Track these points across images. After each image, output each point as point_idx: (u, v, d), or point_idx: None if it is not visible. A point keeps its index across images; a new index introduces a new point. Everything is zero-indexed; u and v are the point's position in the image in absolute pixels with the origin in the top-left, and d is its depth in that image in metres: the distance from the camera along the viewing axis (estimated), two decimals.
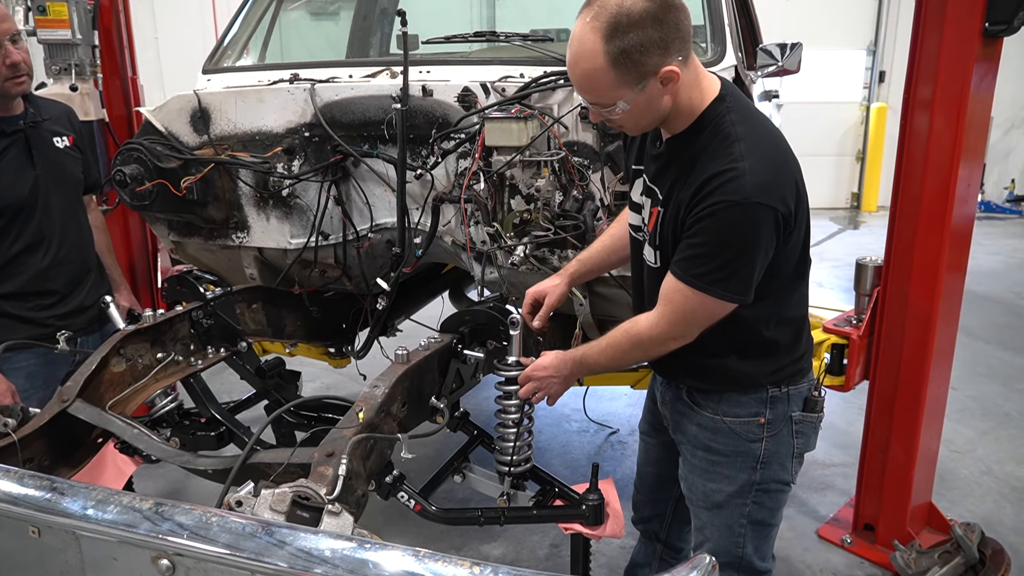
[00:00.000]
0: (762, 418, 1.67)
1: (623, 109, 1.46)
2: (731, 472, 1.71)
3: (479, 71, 2.38)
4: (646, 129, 1.58)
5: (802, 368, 1.72)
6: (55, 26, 3.13)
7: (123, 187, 2.40)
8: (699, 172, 1.46)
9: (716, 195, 1.42)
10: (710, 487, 1.74)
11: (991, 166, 9.98)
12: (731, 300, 1.50)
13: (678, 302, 1.53)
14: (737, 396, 1.68)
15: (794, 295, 1.66)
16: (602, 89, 1.43)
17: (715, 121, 1.50)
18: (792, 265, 1.59)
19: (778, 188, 1.45)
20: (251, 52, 3.09)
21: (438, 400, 2.03)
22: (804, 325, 1.73)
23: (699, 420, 1.72)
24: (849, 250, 7.70)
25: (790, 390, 1.68)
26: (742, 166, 1.41)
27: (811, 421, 1.73)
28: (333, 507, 1.35)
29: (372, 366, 2.63)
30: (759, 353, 1.65)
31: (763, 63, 2.96)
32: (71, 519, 1.17)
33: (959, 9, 2.31)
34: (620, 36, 1.36)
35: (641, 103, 1.45)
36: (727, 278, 1.46)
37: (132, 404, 2.14)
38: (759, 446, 1.68)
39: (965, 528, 2.65)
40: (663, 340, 1.59)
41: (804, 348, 1.73)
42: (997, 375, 4.64)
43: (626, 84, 1.41)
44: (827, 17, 9.82)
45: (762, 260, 1.48)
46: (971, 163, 2.50)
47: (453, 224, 2.39)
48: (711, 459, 1.72)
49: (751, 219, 1.42)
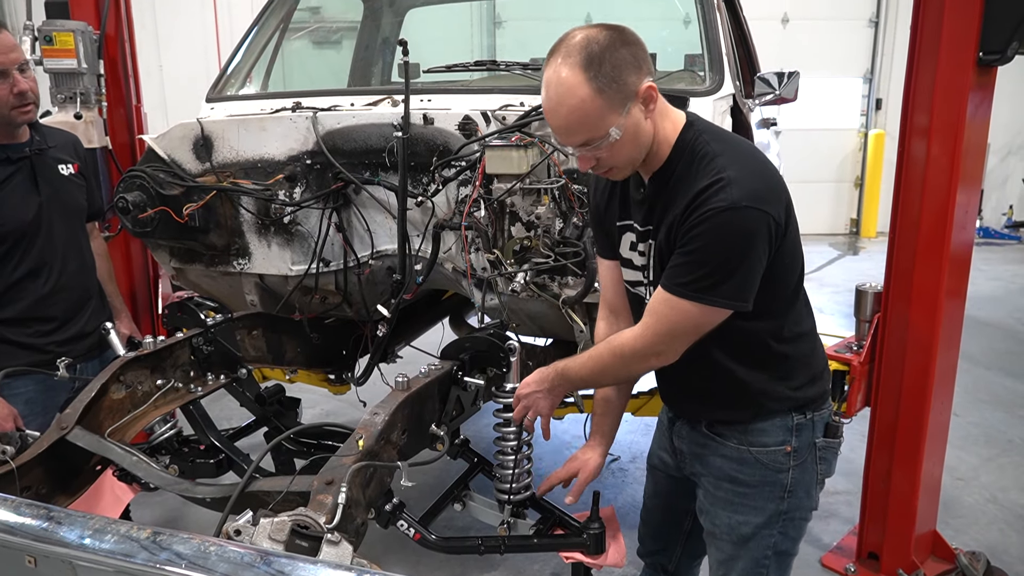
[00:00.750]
0: (788, 446, 1.65)
1: (615, 138, 1.45)
2: (759, 503, 1.68)
3: (480, 100, 2.41)
4: (634, 165, 1.55)
5: (823, 393, 1.71)
6: (61, 55, 3.17)
7: (125, 214, 2.41)
8: (686, 192, 1.48)
9: (706, 205, 1.43)
10: (736, 519, 1.71)
11: (989, 192, 10.04)
12: (723, 306, 1.48)
13: (663, 313, 1.52)
14: (762, 425, 1.65)
15: (796, 307, 1.65)
16: (592, 120, 1.43)
17: (689, 146, 1.52)
18: (794, 273, 1.59)
19: (767, 193, 1.45)
20: (254, 81, 3.13)
21: (438, 427, 2.02)
22: (816, 342, 1.72)
23: (724, 452, 1.69)
24: (849, 276, 7.71)
25: (814, 416, 1.68)
26: (728, 175, 1.43)
27: (833, 447, 1.73)
28: (332, 536, 1.34)
29: (372, 393, 2.62)
30: (773, 369, 1.63)
31: (761, 91, 3.00)
32: (68, 548, 1.16)
33: (953, 39, 2.34)
34: (597, 64, 1.39)
35: (630, 129, 1.46)
36: (717, 284, 1.45)
37: (131, 431, 2.13)
38: (786, 475, 1.66)
39: (970, 557, 2.63)
40: (644, 354, 1.58)
41: (820, 369, 1.72)
42: (1000, 401, 4.62)
43: (613, 110, 1.42)
44: (823, 46, 9.94)
45: (758, 266, 1.47)
46: (969, 189, 2.52)
47: (454, 251, 2.40)
48: (738, 491, 1.69)
49: (743, 224, 1.42)
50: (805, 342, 1.68)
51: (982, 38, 2.30)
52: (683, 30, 3.25)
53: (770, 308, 1.56)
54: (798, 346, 1.66)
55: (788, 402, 1.65)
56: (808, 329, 1.69)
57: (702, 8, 2.78)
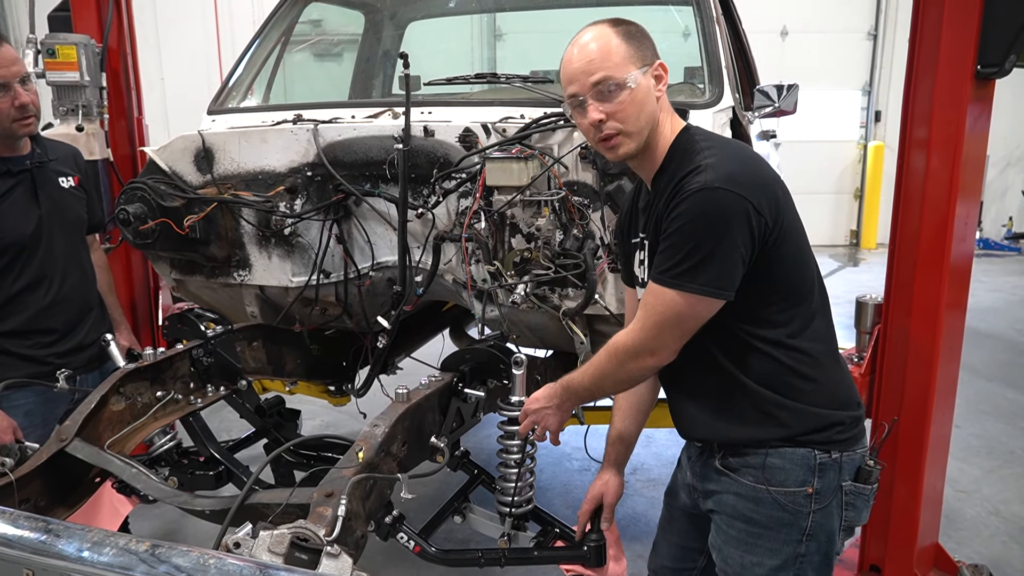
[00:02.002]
0: (810, 487, 1.56)
1: (631, 87, 1.49)
2: (774, 545, 1.60)
3: (480, 112, 2.42)
4: (639, 142, 1.54)
5: (854, 433, 1.60)
6: (64, 68, 3.19)
7: (126, 225, 2.42)
8: (670, 184, 1.50)
9: (683, 191, 1.45)
10: (748, 559, 1.62)
11: (988, 204, 10.06)
12: (702, 293, 1.44)
13: (649, 304, 1.51)
14: (780, 462, 1.56)
15: (810, 322, 1.58)
16: (616, 59, 1.50)
17: (683, 146, 1.55)
18: (802, 281, 1.56)
19: (745, 178, 1.44)
20: (256, 93, 3.14)
21: (438, 439, 2.02)
22: (840, 372, 1.65)
23: (738, 489, 1.61)
24: (849, 287, 7.70)
25: (841, 457, 1.57)
26: (706, 163, 1.46)
27: (864, 493, 1.61)
28: (332, 548, 1.33)
29: (372, 404, 2.62)
30: (780, 380, 1.55)
31: (760, 104, 3.00)
32: (66, 561, 1.15)
33: (952, 52, 2.35)
34: (626, 25, 1.54)
35: (643, 89, 1.51)
36: (695, 270, 1.43)
37: (131, 443, 2.13)
38: (806, 519, 1.57)
39: (973, 570, 2.61)
40: (637, 351, 1.54)
41: (847, 399, 1.62)
42: (1001, 413, 4.61)
43: (634, 61, 1.50)
44: (823, 58, 9.99)
45: (735, 253, 1.43)
46: (968, 201, 2.52)
47: (454, 262, 2.41)
48: (751, 531, 1.61)
49: (716, 205, 1.41)
50: (824, 365, 1.59)
51: (980, 51, 2.31)
52: (682, 43, 3.26)
53: (773, 317, 1.53)
54: (805, 361, 1.56)
55: (807, 425, 1.56)
56: (821, 350, 1.60)
57: (701, 21, 2.80)
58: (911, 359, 2.59)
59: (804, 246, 1.57)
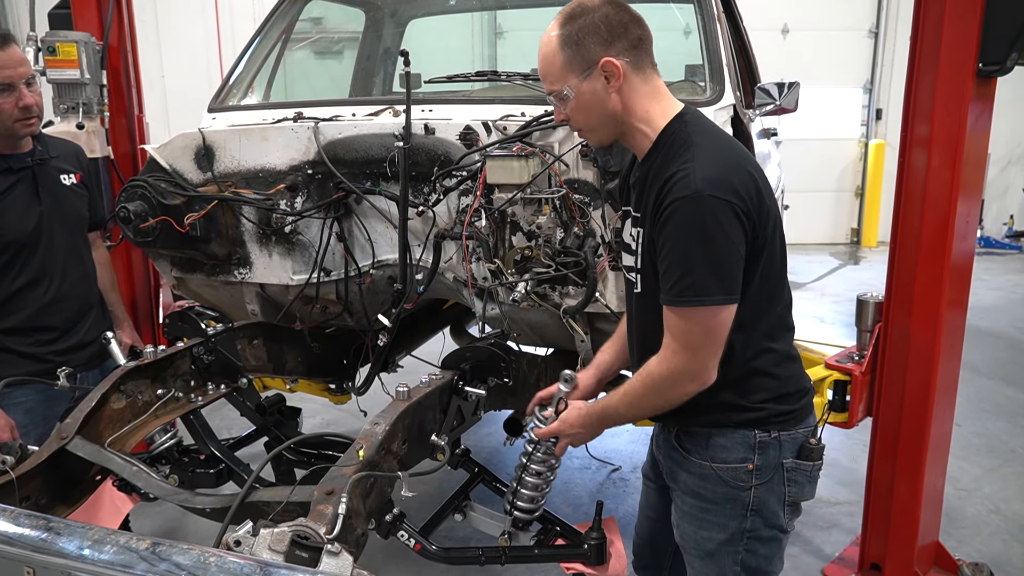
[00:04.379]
0: (751, 464, 1.62)
1: (569, 95, 1.54)
2: (721, 520, 1.66)
3: (481, 110, 2.41)
4: (604, 137, 1.63)
5: (795, 413, 1.65)
6: (64, 66, 3.18)
7: (127, 223, 2.42)
8: (657, 179, 1.52)
9: (669, 196, 1.46)
10: (701, 534, 1.70)
11: (989, 202, 10.05)
12: (720, 303, 1.46)
13: (674, 328, 1.51)
14: (722, 440, 1.63)
15: (769, 321, 1.61)
16: (553, 71, 1.54)
17: (673, 134, 1.56)
18: (766, 282, 1.56)
19: (727, 182, 1.45)
20: (256, 91, 3.14)
21: (439, 437, 2.02)
22: (790, 363, 1.68)
23: (688, 467, 1.69)
24: (850, 285, 7.71)
25: (781, 435, 1.63)
26: (691, 165, 1.46)
27: (805, 470, 1.67)
28: (332, 547, 1.34)
29: (373, 402, 2.62)
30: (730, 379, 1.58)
31: (761, 102, 3.00)
32: (67, 559, 1.16)
33: (953, 50, 2.35)
34: (570, 23, 1.53)
35: (586, 93, 1.54)
36: (704, 282, 1.44)
37: (131, 441, 2.13)
38: (748, 494, 1.63)
39: (973, 568, 2.61)
40: (675, 379, 1.53)
41: (793, 389, 1.66)
42: (1002, 411, 4.61)
43: (572, 69, 1.53)
44: (824, 56, 9.97)
45: (734, 254, 1.46)
46: (969, 199, 2.52)
47: (454, 260, 2.40)
48: (701, 506, 1.69)
49: (705, 212, 1.43)
50: (773, 358, 1.63)
51: (982, 49, 2.30)
52: (684, 41, 3.26)
53: (752, 317, 1.54)
54: (763, 360, 1.61)
55: (745, 415, 1.61)
56: (780, 347, 1.65)
57: (702, 19, 2.79)
58: (912, 357, 2.60)
59: (777, 246, 1.58)
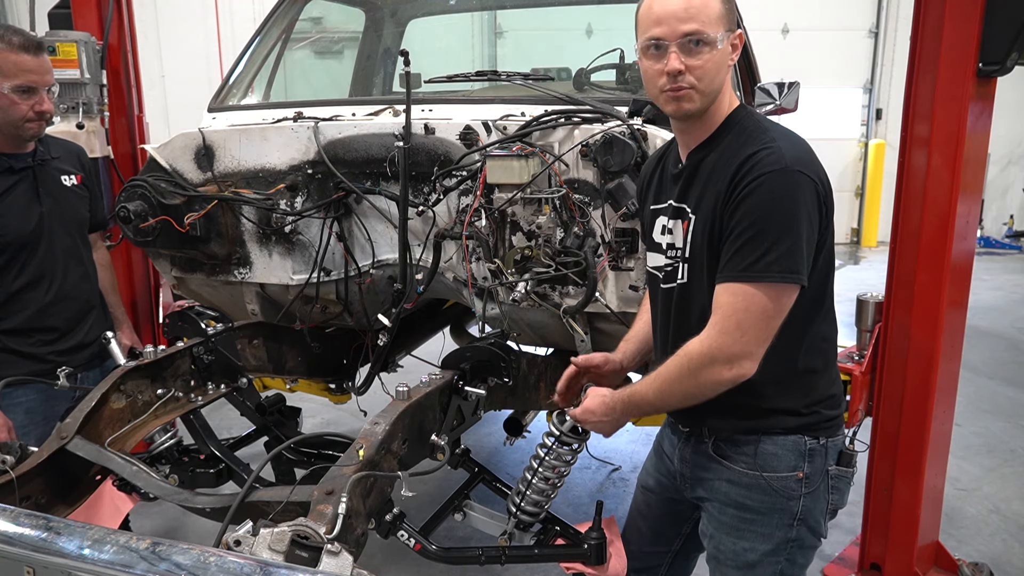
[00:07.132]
0: (800, 472, 1.59)
1: (718, 42, 1.47)
2: (766, 530, 1.62)
3: (481, 110, 2.41)
4: (707, 103, 1.52)
5: (837, 419, 1.65)
6: (64, 66, 3.18)
7: (127, 223, 2.42)
8: (732, 159, 1.48)
9: (755, 171, 1.43)
10: (742, 545, 1.65)
11: (989, 202, 10.06)
12: (788, 281, 1.42)
13: (726, 304, 1.44)
14: (773, 449, 1.59)
15: (824, 317, 1.60)
16: (711, 15, 1.47)
17: (739, 123, 1.55)
18: (823, 275, 1.56)
19: (813, 164, 1.47)
20: (256, 91, 3.14)
21: (439, 437, 2.02)
22: (834, 364, 1.67)
23: (730, 476, 1.63)
24: (850, 285, 7.66)
25: (828, 443, 1.62)
26: (776, 145, 1.46)
27: (846, 476, 1.67)
28: (332, 546, 1.33)
29: (373, 402, 2.62)
30: (788, 379, 1.57)
31: (761, 102, 3.00)
32: (67, 559, 1.15)
33: (953, 50, 2.34)
34: None
35: (725, 52, 1.51)
36: (779, 258, 1.40)
37: (131, 441, 2.13)
38: (796, 503, 1.60)
39: (973, 568, 2.61)
40: (714, 358, 1.44)
41: (836, 392, 1.66)
42: (1002, 411, 4.61)
43: (723, 23, 1.49)
44: (824, 56, 9.99)
45: (812, 235, 1.45)
46: (969, 199, 2.52)
47: (454, 260, 2.40)
48: (744, 517, 1.64)
49: (793, 186, 1.42)
50: (822, 360, 1.62)
51: (982, 49, 2.30)
52: None
53: (803, 313, 1.52)
54: (816, 361, 1.60)
55: (797, 420, 1.59)
56: (830, 349, 1.64)
57: None
58: (912, 357, 2.59)
59: (831, 240, 1.58)
